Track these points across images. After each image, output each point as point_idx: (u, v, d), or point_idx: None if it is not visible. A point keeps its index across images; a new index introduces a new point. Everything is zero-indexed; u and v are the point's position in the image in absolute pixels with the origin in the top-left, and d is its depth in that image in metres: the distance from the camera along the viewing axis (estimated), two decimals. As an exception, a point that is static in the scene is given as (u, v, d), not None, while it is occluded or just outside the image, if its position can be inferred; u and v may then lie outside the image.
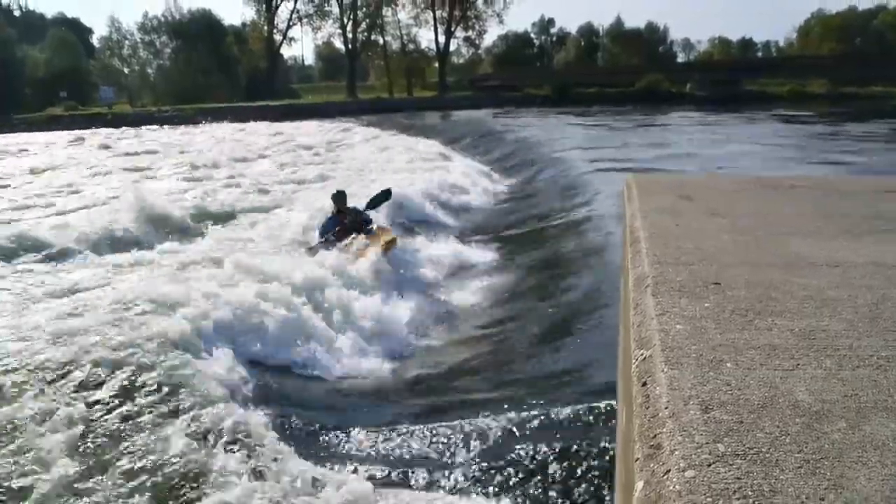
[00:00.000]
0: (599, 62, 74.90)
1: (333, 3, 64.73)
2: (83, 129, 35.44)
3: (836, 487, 0.93)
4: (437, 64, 66.05)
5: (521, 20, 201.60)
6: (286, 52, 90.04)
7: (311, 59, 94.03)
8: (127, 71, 63.31)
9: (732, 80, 47.26)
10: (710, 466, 0.97)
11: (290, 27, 65.17)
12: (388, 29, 66.65)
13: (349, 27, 64.75)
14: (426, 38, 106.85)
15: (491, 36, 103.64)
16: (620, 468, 1.46)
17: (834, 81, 47.38)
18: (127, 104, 55.33)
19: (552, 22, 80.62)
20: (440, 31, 64.14)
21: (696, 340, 1.42)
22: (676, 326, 1.49)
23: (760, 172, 10.83)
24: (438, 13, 63.63)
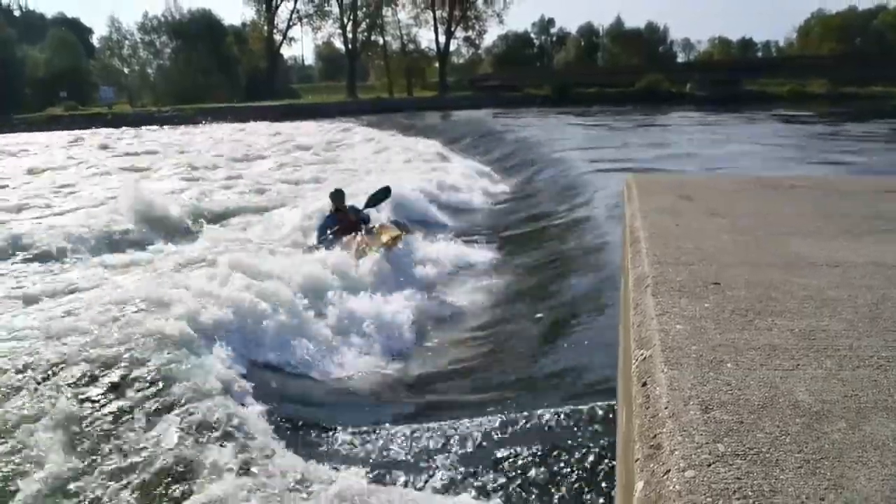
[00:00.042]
0: (599, 62, 74.88)
1: (333, 3, 64.87)
2: (83, 129, 35.44)
3: (836, 487, 0.93)
4: (437, 64, 66.06)
5: (521, 20, 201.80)
6: (286, 52, 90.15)
7: (311, 59, 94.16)
8: (127, 71, 63.34)
9: (732, 80, 47.25)
10: (710, 466, 0.97)
11: (290, 27, 65.34)
12: (388, 29, 66.78)
13: (349, 27, 64.84)
14: (426, 38, 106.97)
15: (491, 36, 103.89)
16: (620, 468, 1.46)
17: (834, 81, 47.36)
18: (127, 104, 55.32)
19: (552, 22, 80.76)
20: (440, 31, 64.30)
21: (696, 340, 1.42)
22: (676, 326, 1.49)
23: (760, 172, 10.82)
24: (438, 13, 63.74)
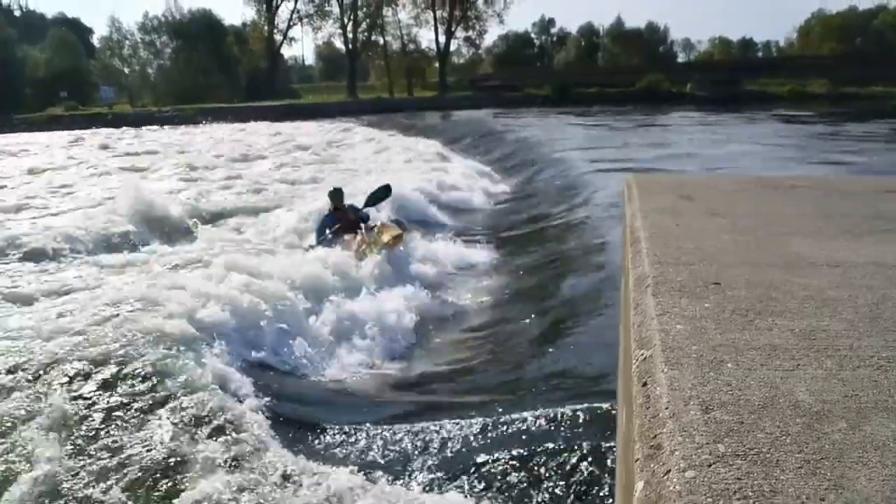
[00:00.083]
0: (600, 62, 74.82)
1: (334, 3, 64.84)
2: (83, 129, 35.43)
3: (836, 488, 0.93)
4: (437, 64, 66.03)
5: (521, 20, 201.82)
6: (286, 52, 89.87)
7: (311, 59, 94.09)
8: (127, 71, 63.31)
9: (733, 80, 47.23)
10: (710, 467, 0.97)
11: (290, 27, 65.31)
12: (388, 29, 66.78)
13: (349, 27, 64.82)
14: (426, 38, 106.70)
15: (491, 36, 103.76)
16: (620, 468, 1.46)
17: (834, 81, 47.34)
18: (127, 104, 55.31)
19: (552, 22, 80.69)
20: (440, 31, 64.30)
21: (696, 340, 1.41)
22: (677, 326, 1.49)
23: (761, 172, 10.82)
24: (439, 13, 63.73)
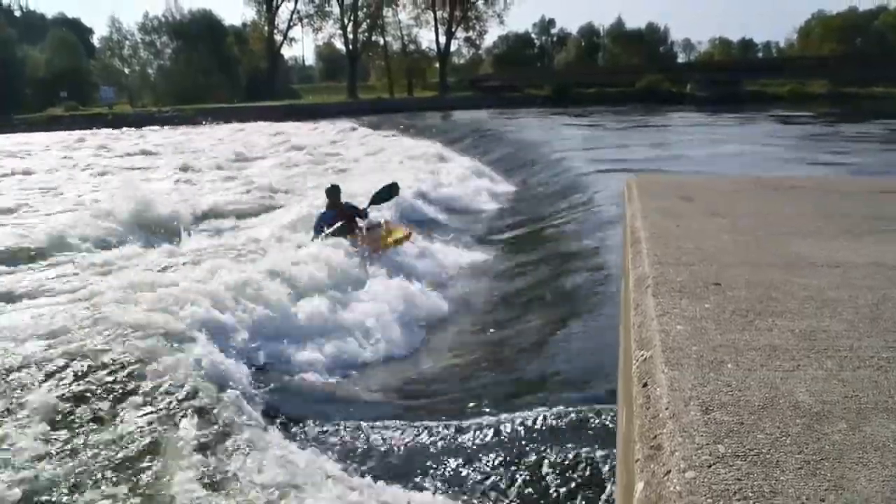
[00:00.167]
0: (600, 63, 74.80)
1: (334, 3, 64.81)
2: (84, 129, 35.44)
3: (836, 488, 0.93)
4: (437, 64, 66.01)
5: (521, 21, 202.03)
6: (287, 52, 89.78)
7: (311, 59, 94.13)
8: (127, 71, 63.32)
9: (733, 80, 47.17)
10: (710, 467, 0.97)
11: (290, 28, 65.30)
12: (388, 29, 66.80)
13: (350, 28, 64.77)
14: (427, 38, 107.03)
15: (491, 36, 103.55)
16: (621, 469, 1.46)
17: (834, 82, 47.31)
18: (127, 104, 55.34)
19: (553, 22, 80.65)
20: (441, 31, 64.28)
21: (696, 341, 1.41)
22: (677, 327, 1.49)
23: (761, 173, 10.81)
24: (439, 14, 63.71)
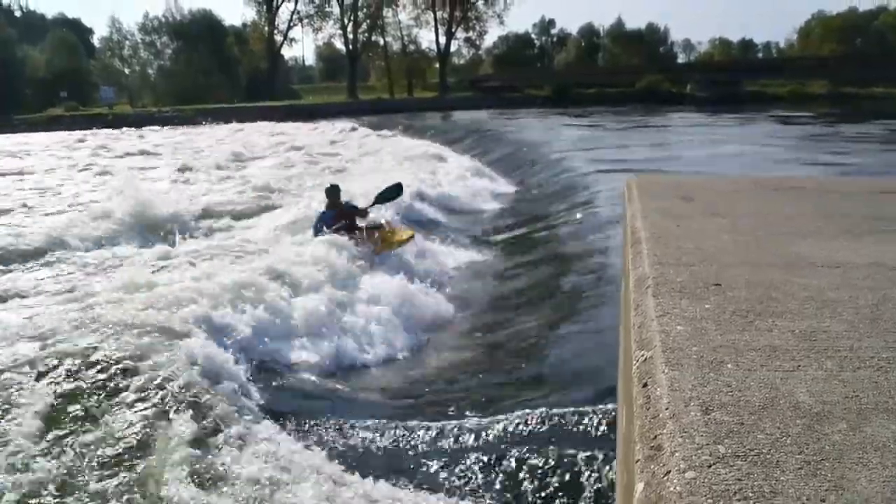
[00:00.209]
0: (600, 63, 74.78)
1: (334, 3, 64.84)
2: (84, 129, 35.47)
3: (836, 489, 0.93)
4: (437, 65, 66.03)
5: (521, 21, 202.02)
6: (287, 52, 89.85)
7: (311, 59, 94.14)
8: (127, 71, 63.36)
9: (733, 80, 47.14)
10: (710, 468, 0.97)
11: (290, 28, 65.35)
12: (388, 30, 66.81)
13: (350, 28, 64.79)
14: (427, 38, 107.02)
15: (491, 37, 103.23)
16: (621, 469, 1.46)
17: (834, 82, 47.29)
18: (127, 104, 55.37)
19: (553, 23, 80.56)
20: (441, 31, 64.31)
21: (696, 341, 1.42)
22: (677, 327, 1.49)
23: (760, 173, 10.82)
24: (439, 14, 63.73)
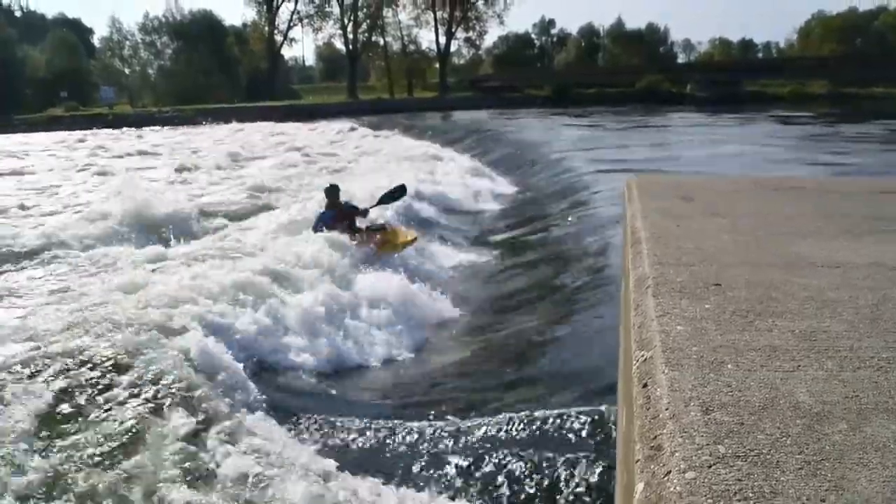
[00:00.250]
0: (600, 63, 74.75)
1: (334, 3, 64.84)
2: (84, 129, 35.49)
3: (836, 489, 0.93)
4: (437, 65, 66.03)
5: (521, 21, 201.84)
6: (287, 52, 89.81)
7: (311, 59, 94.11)
8: (128, 71, 63.35)
9: (733, 80, 47.14)
10: (710, 468, 0.97)
11: (290, 28, 65.33)
12: (388, 30, 66.80)
13: (350, 28, 64.79)
14: (427, 38, 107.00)
15: (491, 37, 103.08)
16: (621, 469, 1.46)
17: (835, 82, 47.29)
18: (127, 104, 55.38)
19: (553, 23, 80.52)
20: (441, 31, 64.31)
21: (696, 342, 1.42)
22: (677, 328, 1.49)
23: (760, 173, 10.81)
24: (439, 14, 63.73)
